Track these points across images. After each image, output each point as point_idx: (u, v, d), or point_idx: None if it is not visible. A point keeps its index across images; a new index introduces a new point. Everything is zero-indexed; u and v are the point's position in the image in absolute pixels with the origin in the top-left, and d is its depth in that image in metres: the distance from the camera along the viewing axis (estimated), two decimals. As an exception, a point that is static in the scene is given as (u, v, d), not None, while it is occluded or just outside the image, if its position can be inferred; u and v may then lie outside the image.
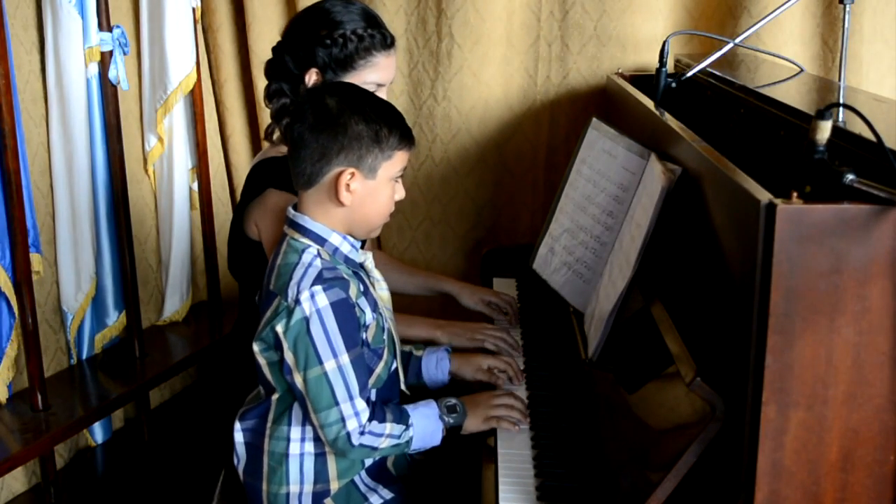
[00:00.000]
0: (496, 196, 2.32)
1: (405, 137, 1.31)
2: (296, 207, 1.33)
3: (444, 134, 2.28)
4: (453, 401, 1.38)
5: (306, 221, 1.31)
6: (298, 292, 1.25)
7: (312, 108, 1.29)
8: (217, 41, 2.41)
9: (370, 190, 1.30)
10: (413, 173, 2.32)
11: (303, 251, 1.29)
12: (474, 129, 2.28)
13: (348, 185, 1.28)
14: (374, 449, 1.30)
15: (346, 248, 1.33)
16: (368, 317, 1.32)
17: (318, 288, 1.25)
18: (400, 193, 1.34)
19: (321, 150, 1.27)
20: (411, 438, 1.33)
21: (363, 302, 1.31)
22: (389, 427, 1.30)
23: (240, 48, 2.42)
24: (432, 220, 2.35)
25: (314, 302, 1.25)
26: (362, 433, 1.28)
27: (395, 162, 1.31)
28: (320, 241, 1.31)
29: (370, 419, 1.29)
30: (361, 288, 1.32)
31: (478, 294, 1.81)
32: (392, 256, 2.01)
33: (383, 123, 1.29)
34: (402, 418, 1.33)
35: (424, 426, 1.34)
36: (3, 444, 1.87)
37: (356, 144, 1.27)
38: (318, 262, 1.28)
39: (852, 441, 0.99)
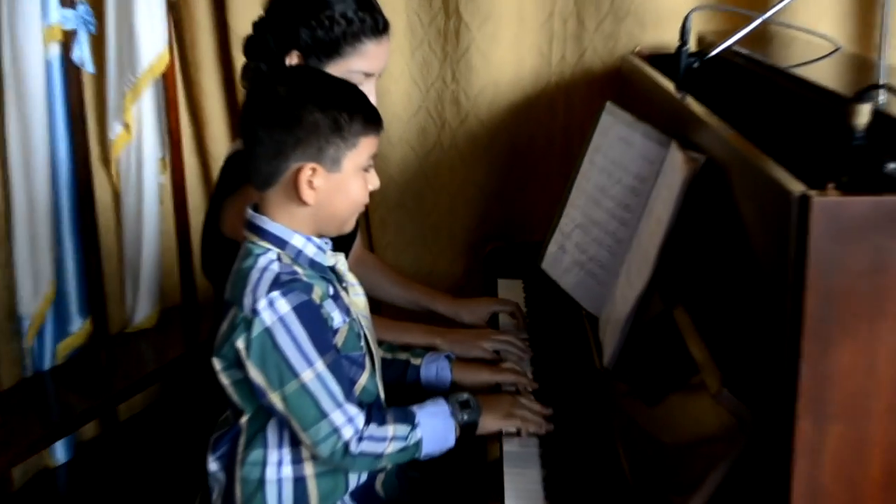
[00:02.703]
0: (508, 187, 2.33)
1: (370, 122, 1.30)
2: (256, 207, 1.33)
3: (452, 119, 2.28)
4: (465, 396, 1.38)
5: (265, 222, 1.30)
6: (255, 301, 1.24)
7: (262, 100, 1.28)
8: (193, 17, 2.40)
9: (336, 185, 1.28)
10: (420, 162, 2.32)
11: (259, 255, 1.29)
12: (483, 114, 2.28)
13: (310, 183, 1.26)
14: (379, 456, 1.30)
15: (310, 250, 1.32)
16: (337, 320, 1.31)
17: (275, 293, 1.24)
18: (373, 183, 1.33)
19: (276, 146, 1.26)
20: (420, 440, 1.32)
21: (330, 305, 1.30)
22: (392, 429, 1.30)
23: (218, 25, 2.41)
24: (440, 213, 2.36)
25: (274, 309, 1.24)
26: (361, 439, 1.27)
27: (362, 150, 1.29)
28: (280, 243, 1.30)
29: (367, 422, 1.28)
30: (330, 291, 1.32)
31: (479, 311, 1.81)
32: (380, 261, 2.00)
33: (342, 109, 1.27)
34: (407, 418, 1.32)
35: (434, 425, 1.33)
36: (-46, 466, 1.87)
37: (313, 137, 1.25)
38: (274, 266, 1.27)
39: (896, 458, 0.99)
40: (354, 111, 1.28)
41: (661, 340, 1.30)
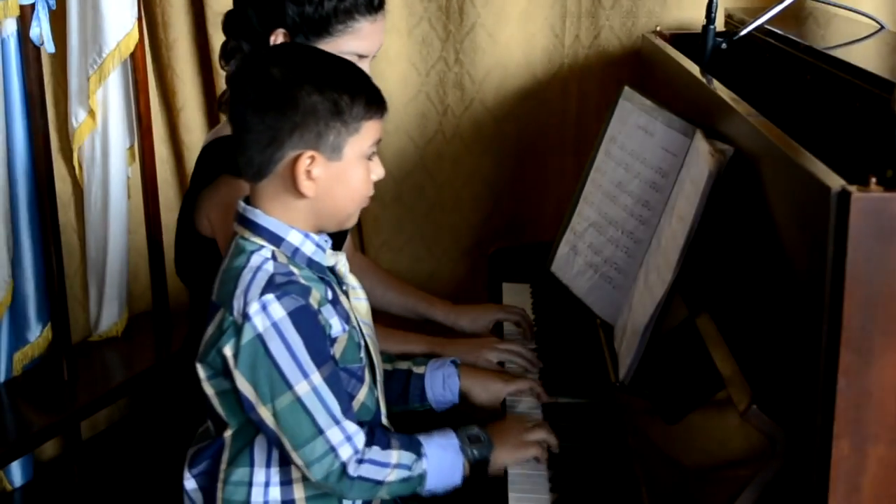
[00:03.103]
0: (515, 181, 2.34)
1: (373, 103, 1.29)
2: (248, 199, 1.32)
3: (455, 105, 2.29)
4: (475, 430, 1.37)
5: (258, 216, 1.30)
6: (246, 304, 1.24)
7: (253, 81, 1.27)
8: (164, -9, 2.41)
9: (337, 174, 1.28)
10: (419, 153, 2.33)
11: (252, 253, 1.28)
12: (489, 100, 2.29)
13: (309, 172, 1.26)
14: (379, 483, 1.29)
15: (308, 248, 1.32)
16: (336, 328, 1.31)
17: (269, 297, 1.24)
18: (377, 172, 1.33)
19: (269, 132, 1.25)
20: (425, 472, 1.31)
21: (329, 311, 1.30)
22: (396, 455, 1.30)
23: (193, 1, 2.42)
24: (442, 209, 2.37)
25: (268, 314, 1.23)
26: (360, 462, 1.27)
27: (365, 135, 1.29)
28: (276, 240, 1.29)
29: (369, 444, 1.28)
30: (329, 296, 1.31)
31: (481, 319, 1.82)
32: (374, 264, 2.01)
33: (343, 90, 1.26)
34: (413, 446, 1.32)
35: (441, 458, 1.32)
36: None
37: (311, 121, 1.25)
38: (269, 266, 1.26)
39: (944, 483, 0.99)
40: (356, 93, 1.28)
41: (684, 352, 1.30)
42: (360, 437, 1.27)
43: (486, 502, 1.39)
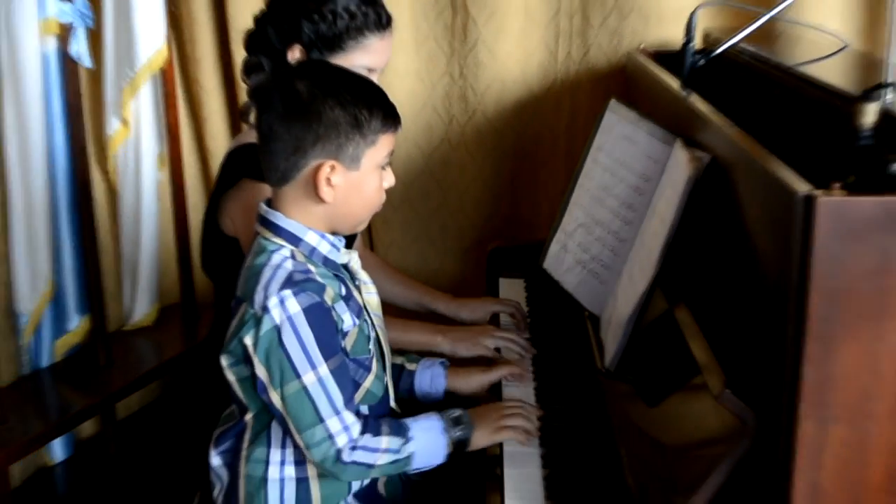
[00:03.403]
0: (514, 185, 2.34)
1: (389, 118, 1.30)
2: (270, 202, 1.33)
3: (460, 115, 2.30)
4: (458, 412, 1.37)
5: (279, 219, 1.30)
6: (266, 298, 1.25)
7: (281, 94, 1.27)
8: (191, 13, 2.41)
9: (354, 182, 1.29)
10: (425, 159, 2.33)
11: (273, 252, 1.29)
12: (490, 111, 2.29)
13: (329, 180, 1.26)
14: (370, 467, 1.30)
15: (324, 247, 1.32)
16: (347, 323, 1.31)
17: (287, 292, 1.24)
18: (389, 181, 1.34)
19: (294, 142, 1.26)
20: (412, 454, 1.32)
21: (342, 307, 1.30)
22: (386, 441, 1.30)
23: (217, 20, 2.41)
24: (448, 210, 2.36)
25: (284, 308, 1.24)
26: (354, 448, 1.27)
27: (381, 147, 1.30)
28: (294, 240, 1.30)
29: (362, 432, 1.29)
30: (343, 291, 1.32)
31: (479, 310, 1.81)
32: (382, 260, 2.01)
33: (362, 105, 1.27)
34: (401, 431, 1.32)
35: (426, 440, 1.33)
36: (-46, 462, 1.88)
37: (333, 133, 1.25)
38: (288, 264, 1.27)
39: (899, 461, 0.99)
40: (374, 108, 1.28)
41: (664, 341, 1.30)
42: (356, 428, 1.28)
43: (484, 477, 1.39)
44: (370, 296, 1.40)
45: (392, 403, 1.44)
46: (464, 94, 2.28)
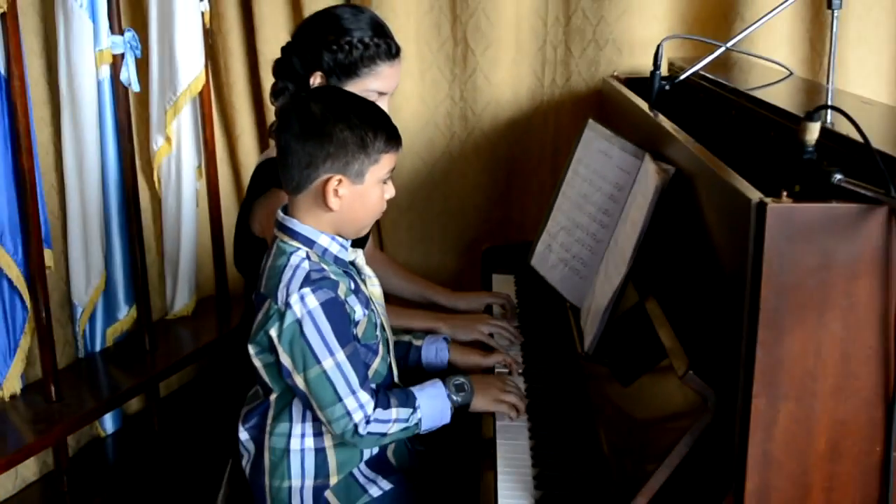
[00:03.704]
0: (507, 193, 2.34)
1: (391, 140, 1.30)
2: (286, 209, 1.33)
3: (461, 132, 2.30)
4: (461, 379, 1.37)
5: (295, 224, 1.30)
6: (288, 295, 1.24)
7: (298, 116, 1.27)
8: (226, 44, 2.41)
9: (358, 194, 1.28)
10: (428, 170, 2.33)
11: (291, 254, 1.28)
12: (487, 128, 2.29)
13: (336, 191, 1.26)
14: (384, 435, 1.30)
15: (335, 248, 1.32)
16: (359, 313, 1.31)
17: (307, 290, 1.24)
18: (389, 193, 1.33)
19: (308, 157, 1.26)
20: (420, 420, 1.32)
21: (353, 300, 1.30)
22: (395, 412, 1.30)
23: (248, 51, 2.42)
24: (449, 214, 2.36)
25: (304, 304, 1.24)
26: (368, 422, 1.28)
27: (382, 165, 1.29)
28: (309, 243, 1.30)
29: (375, 407, 1.28)
30: (352, 286, 1.32)
31: (474, 303, 1.81)
32: (390, 258, 2.01)
33: (368, 129, 1.27)
34: (409, 401, 1.32)
35: (432, 406, 1.33)
36: (18, 434, 1.87)
37: (342, 152, 1.25)
38: (305, 265, 1.27)
39: (840, 432, 0.99)
40: (379, 130, 1.28)
41: (635, 329, 1.30)
42: (370, 405, 1.28)
43: (478, 447, 1.39)
44: (374, 287, 1.40)
45: (395, 379, 1.44)
46: (464, 113, 2.29)
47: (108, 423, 2.33)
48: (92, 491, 2.10)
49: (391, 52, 1.58)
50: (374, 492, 1.36)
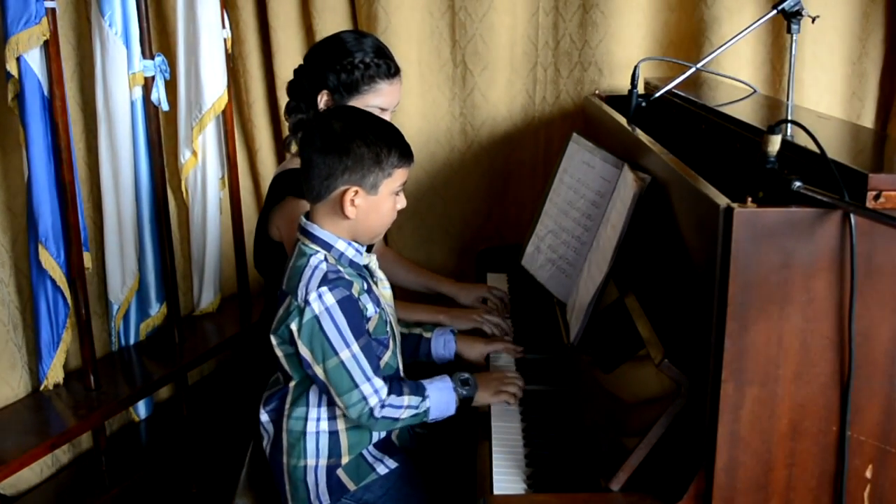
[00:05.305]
0: (502, 200, 2.35)
1: (404, 156, 1.30)
2: (308, 216, 1.33)
3: (461, 146, 2.30)
4: (466, 375, 1.38)
5: (315, 229, 1.30)
6: (307, 293, 1.25)
7: (320, 132, 1.28)
8: (246, 67, 2.41)
9: (373, 204, 1.29)
10: (430, 180, 2.33)
11: (311, 256, 1.28)
12: (484, 142, 2.30)
13: (353, 201, 1.27)
14: (396, 419, 1.30)
15: (350, 252, 1.32)
16: (371, 310, 1.31)
17: (324, 288, 1.25)
18: (401, 203, 1.34)
19: (328, 170, 1.26)
20: (429, 409, 1.32)
21: (366, 298, 1.31)
22: (407, 399, 1.30)
23: (266, 73, 2.42)
24: (450, 219, 2.36)
25: (322, 301, 1.24)
26: (383, 406, 1.28)
27: (395, 178, 1.30)
28: (327, 247, 1.30)
29: (388, 393, 1.28)
30: (365, 286, 1.32)
31: (473, 294, 1.81)
32: (398, 254, 2.01)
33: (383, 145, 1.27)
34: (419, 391, 1.32)
35: (440, 397, 1.33)
36: (62, 419, 1.88)
37: (359, 166, 1.26)
38: (323, 266, 1.27)
39: (800, 414, 1.00)
40: (393, 147, 1.28)
41: (616, 321, 1.30)
42: (384, 391, 1.28)
43: (476, 430, 1.39)
44: (385, 290, 1.40)
45: (400, 372, 1.44)
46: (463, 129, 2.29)
47: (142, 409, 2.33)
48: (127, 470, 2.10)
49: (390, 71, 1.58)
50: (381, 470, 1.36)
